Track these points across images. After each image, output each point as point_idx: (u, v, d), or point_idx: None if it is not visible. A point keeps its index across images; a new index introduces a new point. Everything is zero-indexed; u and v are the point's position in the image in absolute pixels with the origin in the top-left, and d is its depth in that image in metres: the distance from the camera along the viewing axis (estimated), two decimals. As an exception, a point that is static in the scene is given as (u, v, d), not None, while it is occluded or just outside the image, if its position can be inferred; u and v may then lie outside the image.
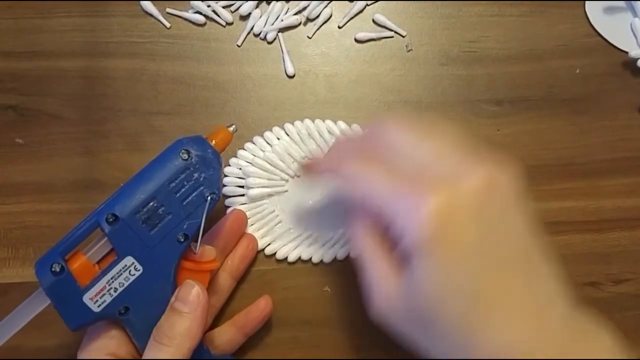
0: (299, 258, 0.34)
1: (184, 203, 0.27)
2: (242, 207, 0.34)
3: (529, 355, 0.22)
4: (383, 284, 0.25)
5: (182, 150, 0.27)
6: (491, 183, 0.23)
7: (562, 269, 0.24)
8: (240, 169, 0.34)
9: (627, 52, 0.37)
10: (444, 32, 0.38)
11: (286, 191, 0.34)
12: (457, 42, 0.37)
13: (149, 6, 0.37)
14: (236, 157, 0.35)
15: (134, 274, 0.26)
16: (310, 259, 0.34)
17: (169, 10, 0.37)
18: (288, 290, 0.34)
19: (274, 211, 0.34)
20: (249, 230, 0.34)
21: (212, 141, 0.28)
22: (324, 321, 0.33)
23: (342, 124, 0.35)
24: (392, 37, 0.37)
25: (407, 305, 0.24)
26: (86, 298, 0.26)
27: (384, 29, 0.38)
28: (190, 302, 0.26)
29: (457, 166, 0.23)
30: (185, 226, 0.27)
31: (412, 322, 0.24)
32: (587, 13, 0.38)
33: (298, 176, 0.35)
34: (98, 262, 0.27)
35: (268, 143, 0.35)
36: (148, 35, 0.37)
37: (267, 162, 0.34)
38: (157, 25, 0.37)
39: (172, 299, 0.27)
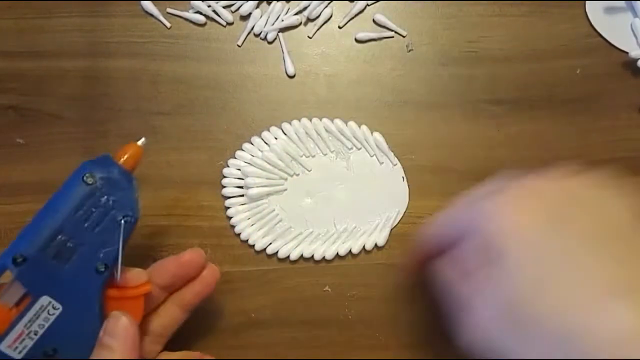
0: (301, 256, 0.34)
1: (95, 231, 0.25)
2: (241, 207, 0.34)
3: None
4: (473, 302, 0.25)
5: (86, 175, 0.25)
6: (535, 188, 0.25)
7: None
8: (239, 169, 0.34)
9: (627, 53, 0.37)
10: (444, 32, 0.38)
11: (285, 190, 0.35)
12: (457, 42, 0.37)
13: (150, 6, 0.37)
14: (235, 157, 0.35)
15: (53, 313, 0.25)
16: (312, 256, 0.34)
17: (169, 10, 0.37)
18: (288, 290, 0.34)
19: (273, 210, 0.34)
20: (249, 230, 0.34)
21: (119, 159, 0.26)
22: (324, 321, 0.33)
23: (339, 122, 0.35)
24: (393, 37, 0.37)
25: (504, 310, 0.23)
26: (4, 346, 0.24)
27: (384, 29, 0.38)
28: (118, 335, 0.25)
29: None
30: (101, 255, 0.25)
31: (510, 328, 0.23)
32: (588, 13, 0.38)
33: (297, 175, 0.35)
34: (16, 306, 0.25)
35: (266, 143, 0.35)
36: (148, 35, 0.37)
37: (265, 161, 0.34)
38: (157, 25, 0.37)
39: (101, 333, 0.25)
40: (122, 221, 0.26)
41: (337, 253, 0.34)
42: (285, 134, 0.35)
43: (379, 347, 0.33)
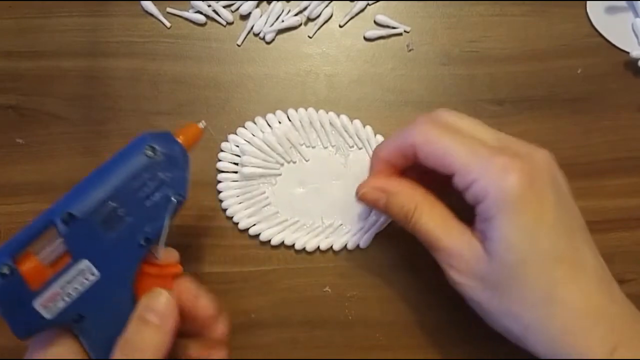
0: (282, 242, 0.34)
1: (146, 204, 0.25)
2: (233, 184, 0.34)
3: (602, 320, 0.24)
4: (464, 250, 0.26)
5: (147, 147, 0.25)
6: (552, 163, 0.27)
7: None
8: (238, 145, 0.34)
9: (628, 53, 0.37)
10: (445, 31, 0.38)
11: (280, 175, 0.34)
12: (458, 41, 0.37)
13: (150, 6, 0.37)
14: (235, 134, 0.35)
15: (90, 280, 0.24)
16: (293, 245, 0.34)
17: (169, 10, 0.37)
18: (288, 290, 0.34)
19: (264, 193, 0.34)
20: (236, 207, 0.34)
21: (179, 138, 0.26)
22: (324, 322, 0.33)
23: (345, 118, 0.35)
24: (401, 34, 0.37)
25: (491, 265, 0.25)
26: (37, 304, 0.23)
27: (388, 28, 0.37)
28: (161, 313, 0.24)
29: (524, 147, 0.27)
30: (146, 229, 0.25)
31: (493, 283, 0.25)
32: (589, 13, 0.38)
33: (294, 162, 0.35)
34: (51, 265, 0.24)
35: (269, 125, 0.35)
36: (149, 35, 0.37)
37: (265, 143, 0.34)
38: (157, 25, 0.37)
39: (139, 308, 0.25)
40: (173, 199, 0.25)
41: (319, 247, 0.34)
42: (290, 120, 0.35)
43: (379, 347, 0.33)
